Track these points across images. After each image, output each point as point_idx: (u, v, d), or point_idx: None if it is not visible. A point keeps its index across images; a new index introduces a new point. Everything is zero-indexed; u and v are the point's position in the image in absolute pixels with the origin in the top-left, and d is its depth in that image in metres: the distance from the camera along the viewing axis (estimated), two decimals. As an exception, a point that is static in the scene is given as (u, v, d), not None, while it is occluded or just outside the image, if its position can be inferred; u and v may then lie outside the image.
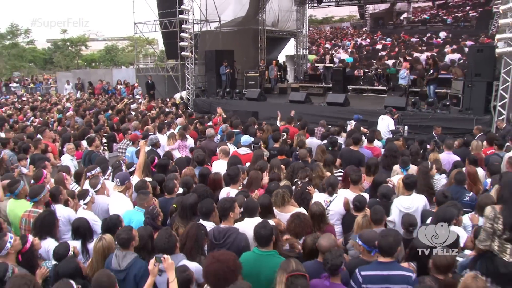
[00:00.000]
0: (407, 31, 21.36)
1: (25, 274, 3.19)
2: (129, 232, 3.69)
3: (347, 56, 22.94)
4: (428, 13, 20.52)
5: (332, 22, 23.71)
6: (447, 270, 3.39)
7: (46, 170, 6.06)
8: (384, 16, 22.53)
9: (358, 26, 23.04)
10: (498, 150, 7.69)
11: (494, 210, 3.56)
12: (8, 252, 3.63)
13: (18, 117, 13.15)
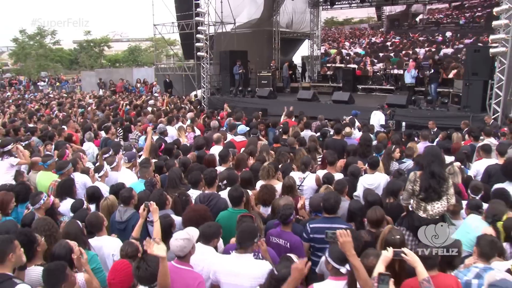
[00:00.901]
0: (417, 31, 21.92)
1: (46, 217, 4.19)
2: (129, 191, 4.67)
3: (361, 50, 23.71)
4: (443, 13, 21.03)
5: (352, 23, 24.44)
6: (378, 225, 4.23)
7: (68, 151, 7.11)
8: (399, 17, 23.04)
9: (375, 27, 23.64)
10: (474, 141, 8.39)
11: (415, 175, 4.42)
12: (40, 207, 4.64)
13: (45, 111, 14.39)
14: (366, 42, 23.65)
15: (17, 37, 41.33)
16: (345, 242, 2.98)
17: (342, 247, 3.01)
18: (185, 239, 3.36)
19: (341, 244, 3.00)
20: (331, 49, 24.78)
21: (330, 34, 25.11)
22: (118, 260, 3.56)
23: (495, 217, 3.93)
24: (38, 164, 6.32)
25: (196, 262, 3.57)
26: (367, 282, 2.90)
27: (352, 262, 2.98)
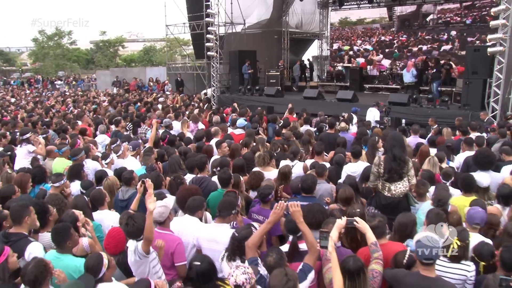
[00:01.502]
0: (426, 31, 22.29)
1: (58, 193, 4.83)
2: (130, 173, 5.29)
3: (370, 47, 24.13)
4: (453, 13, 21.34)
5: (365, 23, 24.89)
6: (347, 202, 4.76)
7: (79, 141, 7.79)
8: (410, 17, 23.41)
9: (387, 26, 24.05)
10: (462, 136, 8.83)
11: (379, 159, 4.94)
12: (59, 186, 5.26)
13: (60, 107, 15.19)
14: (375, 40, 24.16)
15: (37, 37, 42.75)
16: (294, 212, 3.51)
17: (292, 216, 3.55)
18: (162, 206, 3.99)
19: (291, 214, 3.54)
20: (344, 46, 25.33)
21: (343, 34, 25.65)
22: (112, 228, 4.16)
23: (439, 202, 4.42)
24: (53, 151, 7.00)
25: (182, 230, 4.16)
26: (313, 243, 3.44)
27: (300, 227, 3.51)
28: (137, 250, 3.51)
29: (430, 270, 3.16)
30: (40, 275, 3.05)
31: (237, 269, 2.84)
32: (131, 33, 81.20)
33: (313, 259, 3.40)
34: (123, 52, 58.24)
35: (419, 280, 3.13)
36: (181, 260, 3.82)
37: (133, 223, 3.57)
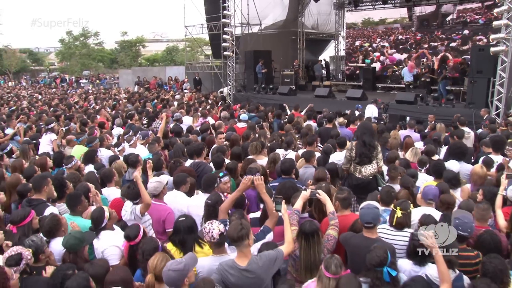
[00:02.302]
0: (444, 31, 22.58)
1: (74, 171, 5.64)
2: (136, 157, 6.06)
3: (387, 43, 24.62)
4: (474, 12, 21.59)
5: (387, 23, 25.34)
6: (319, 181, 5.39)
7: (96, 131, 8.64)
8: (429, 17, 23.72)
9: (407, 26, 24.43)
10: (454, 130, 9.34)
11: (351, 144, 5.58)
12: (71, 167, 6.07)
13: (83, 104, 16.21)
14: (392, 38, 24.65)
15: (64, 38, 44.56)
16: (258, 185, 4.16)
17: (256, 188, 4.21)
18: (156, 181, 4.74)
19: (256, 186, 4.19)
20: (364, 43, 25.84)
21: (365, 33, 26.16)
22: (114, 198, 4.92)
23: (404, 183, 5.09)
24: (73, 140, 7.86)
25: (169, 202, 4.90)
26: (272, 210, 4.09)
27: (263, 197, 4.16)
28: (134, 211, 4.26)
29: (372, 232, 3.80)
30: (54, 227, 3.84)
31: (210, 224, 3.55)
32: (155, 33, 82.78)
33: (272, 222, 4.05)
34: (146, 52, 59.64)
35: (361, 240, 3.77)
36: (170, 226, 4.52)
37: (133, 187, 4.35)
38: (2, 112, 13.69)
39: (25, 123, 10.62)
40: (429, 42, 22.67)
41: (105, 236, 4.00)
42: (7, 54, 46.61)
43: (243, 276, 3.21)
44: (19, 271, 3.24)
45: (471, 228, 3.68)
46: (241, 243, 3.28)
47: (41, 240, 3.58)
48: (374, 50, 24.98)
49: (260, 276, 3.25)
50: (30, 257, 3.32)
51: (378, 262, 3.16)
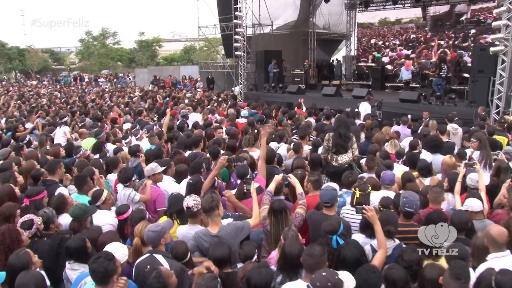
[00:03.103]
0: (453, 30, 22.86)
1: (83, 159, 6.36)
2: (137, 147, 6.75)
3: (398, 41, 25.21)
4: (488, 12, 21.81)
5: (403, 23, 25.71)
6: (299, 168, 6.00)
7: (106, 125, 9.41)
8: (442, 17, 23.99)
9: (421, 26, 24.76)
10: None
11: (328, 135, 6.16)
12: (80, 156, 6.81)
13: (99, 101, 17.09)
14: (404, 37, 25.04)
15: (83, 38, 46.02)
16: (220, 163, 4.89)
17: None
18: (151, 168, 5.42)
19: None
20: (379, 41, 26.27)
21: (381, 32, 26.59)
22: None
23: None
24: (84, 133, 8.65)
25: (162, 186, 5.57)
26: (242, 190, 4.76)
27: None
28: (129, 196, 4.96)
29: (330, 210, 4.39)
30: (60, 205, 4.54)
31: (189, 197, 4.19)
32: (174, 33, 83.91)
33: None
34: (165, 51, 60.80)
35: (320, 217, 4.35)
36: (161, 206, 5.21)
37: (124, 172, 5.05)
38: (23, 108, 14.63)
39: (44, 118, 11.47)
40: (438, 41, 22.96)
41: (102, 214, 4.67)
42: (30, 54, 48.21)
43: (214, 241, 3.83)
44: (31, 234, 3.92)
45: (416, 205, 4.22)
46: (212, 213, 3.91)
47: (51, 212, 4.27)
48: (387, 47, 25.56)
49: (228, 241, 3.85)
50: (40, 223, 4.01)
51: (330, 229, 3.72)
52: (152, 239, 3.50)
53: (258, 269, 3.08)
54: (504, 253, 3.58)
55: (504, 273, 2.98)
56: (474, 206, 4.45)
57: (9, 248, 3.57)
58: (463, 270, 2.92)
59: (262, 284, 3.00)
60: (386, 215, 3.99)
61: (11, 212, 4.27)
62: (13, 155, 6.84)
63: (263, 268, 3.10)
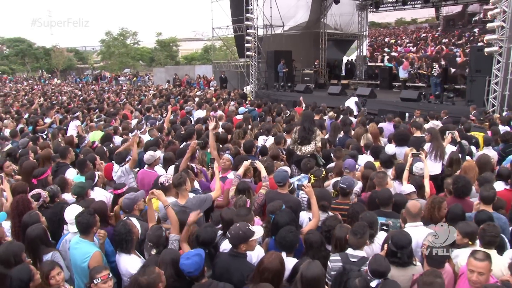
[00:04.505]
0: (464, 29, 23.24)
1: (88, 149, 7.37)
2: (139, 138, 7.72)
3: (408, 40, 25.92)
4: None
5: (418, 23, 26.21)
6: (274, 158, 6.84)
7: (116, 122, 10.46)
8: (455, 17, 24.38)
9: (434, 26, 25.21)
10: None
11: (296, 128, 7.01)
12: (85, 145, 7.84)
13: (115, 99, 18.29)
14: (414, 36, 25.56)
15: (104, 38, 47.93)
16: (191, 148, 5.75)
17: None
18: (149, 154, 6.33)
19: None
20: (392, 40, 26.88)
21: (396, 31, 27.19)
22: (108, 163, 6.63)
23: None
24: (94, 126, 9.72)
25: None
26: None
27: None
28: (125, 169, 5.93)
29: (283, 189, 5.22)
30: (61, 184, 5.49)
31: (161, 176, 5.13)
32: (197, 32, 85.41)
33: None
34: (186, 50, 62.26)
35: (274, 195, 5.19)
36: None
37: (119, 154, 6.04)
38: (45, 105, 15.87)
39: (62, 114, 12.62)
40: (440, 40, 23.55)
41: (98, 190, 5.65)
42: (55, 53, 50.24)
43: (182, 210, 4.72)
44: (39, 204, 4.89)
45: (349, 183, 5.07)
46: (180, 188, 4.82)
47: (57, 188, 5.26)
48: (398, 45, 26.21)
49: (192, 210, 4.74)
50: (46, 196, 4.98)
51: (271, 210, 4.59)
52: (127, 205, 4.45)
53: (205, 228, 3.96)
54: (416, 223, 4.39)
55: (397, 233, 3.82)
56: (406, 189, 5.27)
57: (22, 213, 4.54)
58: (360, 228, 3.77)
59: (208, 239, 3.86)
60: (321, 192, 4.83)
61: (23, 188, 5.28)
62: (31, 145, 7.94)
63: (209, 227, 3.97)
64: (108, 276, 3.35)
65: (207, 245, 3.81)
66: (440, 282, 3.05)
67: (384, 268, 3.31)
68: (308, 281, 3.11)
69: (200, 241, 3.83)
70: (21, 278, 3.31)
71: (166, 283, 3.29)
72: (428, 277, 3.07)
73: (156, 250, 3.73)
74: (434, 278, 3.05)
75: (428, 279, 3.05)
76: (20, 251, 3.63)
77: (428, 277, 3.07)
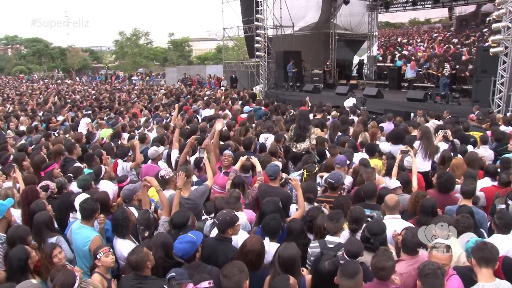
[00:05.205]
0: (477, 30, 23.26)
1: (97, 144, 7.79)
2: (144, 135, 8.11)
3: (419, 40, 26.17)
4: None
5: (432, 23, 26.31)
6: (273, 154, 7.15)
7: (125, 120, 10.88)
8: (468, 17, 24.41)
9: (447, 26, 25.29)
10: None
11: (292, 126, 7.33)
12: (96, 141, 8.26)
13: (126, 98, 18.80)
14: (426, 35, 25.66)
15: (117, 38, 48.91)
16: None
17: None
18: (153, 149, 6.71)
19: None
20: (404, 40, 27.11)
21: (409, 31, 27.43)
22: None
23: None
24: (103, 124, 10.15)
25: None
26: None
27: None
28: (125, 168, 6.30)
29: (274, 182, 5.53)
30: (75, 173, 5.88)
31: (162, 170, 5.48)
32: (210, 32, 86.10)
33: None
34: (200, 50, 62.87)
35: (266, 188, 5.51)
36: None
37: (122, 147, 6.41)
38: (58, 103, 16.41)
39: (74, 112, 13.12)
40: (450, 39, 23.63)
41: (105, 183, 6.04)
42: (70, 53, 51.24)
43: (186, 202, 5.06)
44: (47, 195, 5.28)
45: (336, 177, 5.36)
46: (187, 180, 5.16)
47: (64, 180, 5.66)
48: (409, 44, 26.49)
49: (196, 202, 5.09)
50: (54, 188, 5.37)
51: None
52: (127, 195, 4.83)
53: (178, 212, 4.34)
54: (394, 216, 4.67)
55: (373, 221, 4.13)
56: (391, 185, 5.55)
57: (31, 202, 4.91)
58: (336, 214, 4.10)
59: (180, 223, 4.18)
60: (308, 185, 5.15)
61: (33, 180, 5.71)
62: (43, 141, 8.41)
63: (181, 212, 4.33)
64: (109, 250, 3.79)
65: (180, 228, 4.14)
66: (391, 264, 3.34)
67: (357, 248, 3.58)
68: (284, 261, 3.44)
69: (173, 225, 4.19)
70: (19, 257, 3.68)
71: (157, 264, 3.65)
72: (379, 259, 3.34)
73: (148, 232, 4.09)
74: (385, 262, 3.32)
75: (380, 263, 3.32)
76: (26, 234, 4.04)
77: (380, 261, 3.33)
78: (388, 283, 3.36)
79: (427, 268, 3.02)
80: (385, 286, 3.34)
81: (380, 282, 3.35)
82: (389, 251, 3.53)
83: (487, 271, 3.33)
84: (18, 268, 3.64)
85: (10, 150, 7.70)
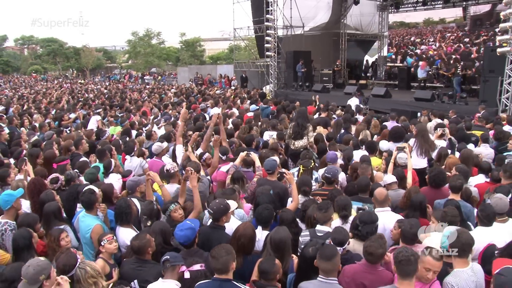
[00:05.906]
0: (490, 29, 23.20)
1: (106, 141, 8.11)
2: (150, 131, 8.40)
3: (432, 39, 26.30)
4: None
5: (447, 23, 26.31)
6: (275, 150, 7.40)
7: (135, 118, 11.21)
8: (482, 17, 24.35)
9: (461, 26, 25.26)
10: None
11: (291, 124, 7.55)
12: (105, 139, 8.59)
13: (137, 97, 19.19)
14: (438, 36, 25.71)
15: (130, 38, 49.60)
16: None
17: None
18: (157, 145, 7.00)
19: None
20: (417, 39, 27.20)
21: (423, 31, 27.49)
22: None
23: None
24: (112, 122, 10.48)
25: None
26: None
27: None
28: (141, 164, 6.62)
29: (272, 176, 5.76)
30: (81, 167, 6.20)
31: (168, 164, 5.76)
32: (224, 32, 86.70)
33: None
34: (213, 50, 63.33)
35: (264, 181, 5.74)
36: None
37: (127, 145, 6.70)
38: (71, 102, 16.87)
39: (86, 110, 13.50)
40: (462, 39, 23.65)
41: (113, 176, 6.33)
42: (84, 53, 52.05)
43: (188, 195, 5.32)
44: (57, 187, 5.60)
45: (333, 172, 5.54)
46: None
47: (74, 173, 5.97)
48: (422, 43, 26.70)
49: (204, 192, 5.40)
50: (63, 180, 5.69)
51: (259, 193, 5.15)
52: (130, 186, 5.11)
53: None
54: (384, 209, 4.87)
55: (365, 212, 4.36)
56: (387, 180, 5.76)
57: (38, 192, 5.25)
58: (325, 204, 4.33)
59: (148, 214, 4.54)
60: (303, 179, 5.37)
61: (43, 173, 6.05)
62: (55, 137, 8.77)
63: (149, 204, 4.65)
64: (112, 237, 4.09)
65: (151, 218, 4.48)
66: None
67: (343, 236, 3.81)
68: (276, 243, 3.75)
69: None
70: (23, 236, 4.03)
71: (156, 249, 3.92)
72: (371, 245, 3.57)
73: (151, 222, 4.37)
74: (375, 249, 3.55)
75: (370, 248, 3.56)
76: (34, 222, 4.38)
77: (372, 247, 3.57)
78: (376, 266, 3.60)
79: (401, 255, 3.18)
80: (371, 268, 3.59)
81: (367, 264, 3.60)
82: (384, 240, 3.71)
83: (461, 260, 3.53)
84: (24, 246, 3.97)
85: (23, 146, 8.09)
